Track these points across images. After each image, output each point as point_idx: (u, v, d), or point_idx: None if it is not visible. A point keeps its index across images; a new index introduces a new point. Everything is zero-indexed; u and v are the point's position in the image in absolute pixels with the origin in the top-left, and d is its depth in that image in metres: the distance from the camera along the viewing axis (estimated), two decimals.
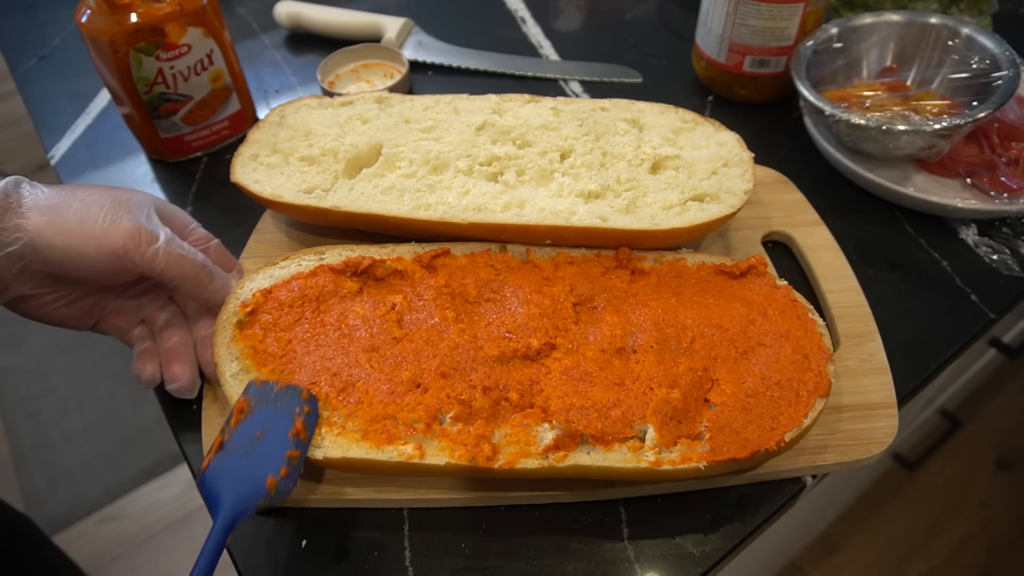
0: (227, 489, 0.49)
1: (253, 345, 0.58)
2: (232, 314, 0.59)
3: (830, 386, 0.56)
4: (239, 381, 0.56)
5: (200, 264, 0.59)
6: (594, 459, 0.53)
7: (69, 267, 0.55)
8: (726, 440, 0.53)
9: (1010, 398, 1.92)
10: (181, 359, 0.61)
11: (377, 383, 0.56)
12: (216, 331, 0.59)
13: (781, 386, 0.56)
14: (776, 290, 0.63)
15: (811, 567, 1.64)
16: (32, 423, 1.87)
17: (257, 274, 0.62)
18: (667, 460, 0.53)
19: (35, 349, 2.03)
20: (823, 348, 0.59)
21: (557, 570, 0.54)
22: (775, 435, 0.54)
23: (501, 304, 0.61)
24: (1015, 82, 0.75)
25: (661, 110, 0.75)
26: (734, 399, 0.56)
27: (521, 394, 0.55)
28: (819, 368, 0.57)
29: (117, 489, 1.76)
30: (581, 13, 1.13)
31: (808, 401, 0.55)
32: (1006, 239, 0.76)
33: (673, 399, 0.55)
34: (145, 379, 0.61)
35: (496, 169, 0.69)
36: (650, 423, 0.54)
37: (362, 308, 0.60)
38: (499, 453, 0.53)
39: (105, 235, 0.54)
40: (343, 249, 0.64)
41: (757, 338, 0.60)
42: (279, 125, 0.74)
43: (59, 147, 0.91)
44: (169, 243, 0.57)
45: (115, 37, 0.72)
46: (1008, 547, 1.69)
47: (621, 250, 0.65)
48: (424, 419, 0.54)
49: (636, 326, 0.60)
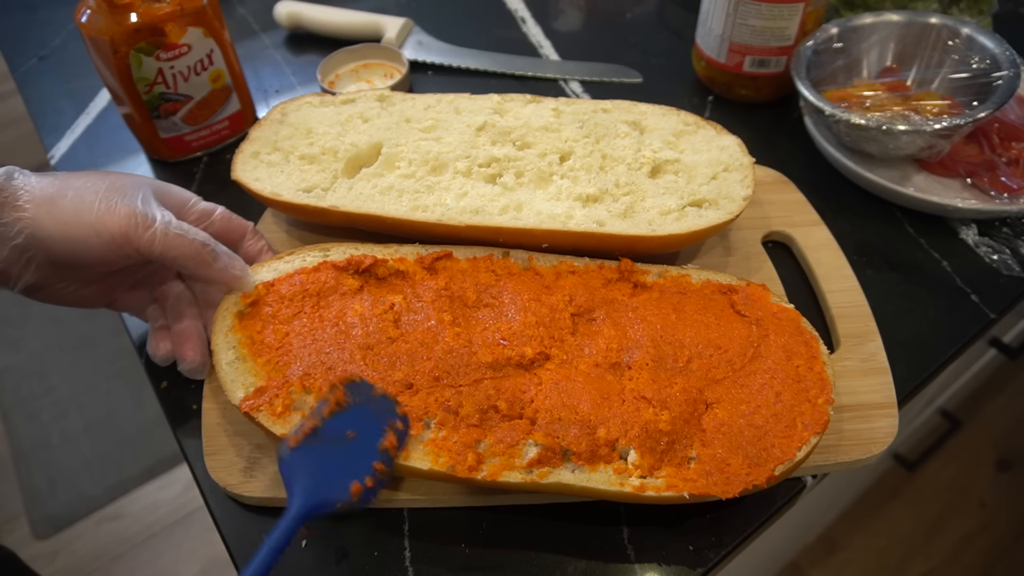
0: (310, 479, 0.48)
1: (251, 335, 0.58)
2: (233, 304, 0.60)
3: (827, 424, 0.55)
4: (234, 369, 0.57)
5: (201, 243, 0.57)
6: (577, 479, 0.52)
7: (72, 256, 0.54)
8: (714, 469, 0.52)
9: (1010, 398, 1.92)
10: (191, 340, 0.61)
11: (370, 381, 0.56)
12: (216, 319, 0.59)
13: (778, 417, 0.55)
14: (783, 312, 0.62)
15: (811, 567, 1.64)
16: (32, 423, 1.87)
17: (261, 267, 0.63)
18: (651, 487, 0.52)
19: (35, 349, 2.03)
20: (824, 379, 0.57)
21: (557, 570, 0.54)
22: (766, 470, 0.52)
23: (499, 310, 0.60)
24: (1015, 82, 0.75)
25: (663, 112, 0.75)
26: (727, 427, 0.54)
27: (510, 404, 0.55)
28: (817, 400, 0.56)
29: (117, 489, 1.76)
30: (581, 13, 1.13)
31: (803, 435, 0.54)
32: (1006, 239, 0.76)
33: (661, 422, 0.53)
34: (160, 357, 0.61)
35: (495, 171, 0.69)
36: (632, 446, 0.53)
37: (361, 306, 0.60)
38: (483, 463, 0.52)
39: (102, 222, 0.53)
40: (347, 247, 0.65)
41: (757, 363, 0.58)
42: (280, 123, 0.74)
43: (59, 147, 0.91)
44: (167, 225, 0.56)
45: (115, 37, 0.72)
46: (1008, 547, 1.69)
47: (624, 261, 0.64)
48: (411, 421, 0.54)
49: (633, 341, 0.59)
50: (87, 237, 0.53)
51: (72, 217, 0.53)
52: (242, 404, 0.55)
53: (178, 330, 0.62)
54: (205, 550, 1.68)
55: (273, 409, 0.54)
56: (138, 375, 0.84)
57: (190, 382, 0.65)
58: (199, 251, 0.57)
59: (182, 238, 0.56)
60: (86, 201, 0.54)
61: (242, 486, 0.57)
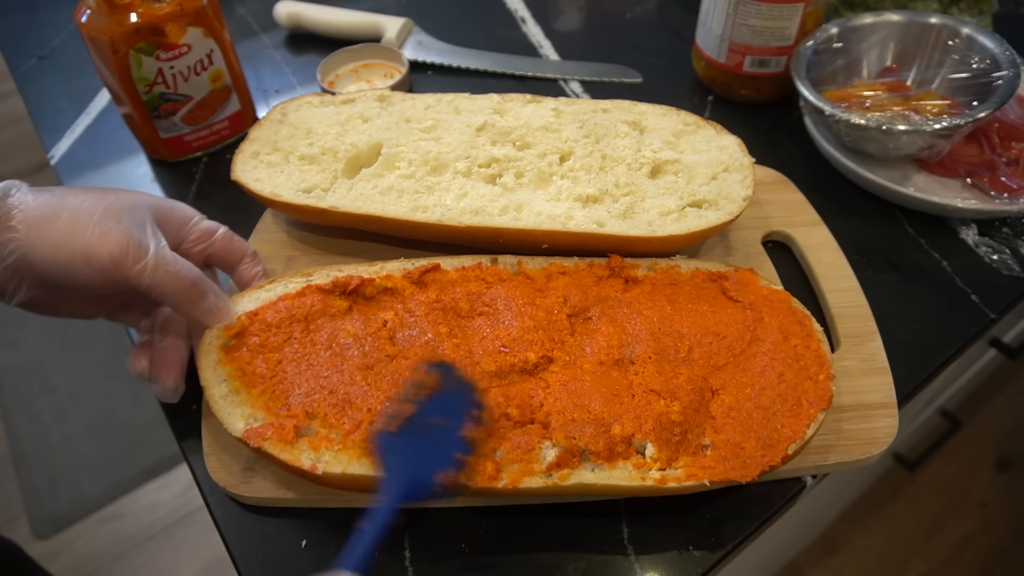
0: (404, 466, 0.49)
1: (240, 367, 0.57)
2: (216, 337, 0.58)
3: (831, 399, 0.56)
4: (229, 402, 0.56)
5: (190, 283, 0.55)
6: (599, 477, 0.52)
7: (62, 280, 0.53)
8: (730, 454, 0.53)
9: (1010, 398, 1.92)
10: (168, 364, 0.60)
11: (376, 401, 0.55)
12: (200, 354, 0.57)
13: (783, 397, 0.56)
14: (773, 294, 0.63)
15: (811, 567, 1.64)
16: (32, 423, 1.87)
17: (242, 297, 0.61)
18: (672, 478, 0.52)
19: (35, 349, 2.03)
20: (822, 356, 0.58)
21: (557, 570, 0.54)
22: (779, 450, 0.53)
23: (494, 318, 0.60)
24: (1015, 82, 0.75)
25: (663, 112, 0.75)
26: (735, 412, 0.55)
27: (521, 410, 0.54)
28: (819, 377, 0.57)
29: (117, 489, 1.76)
30: (581, 13, 1.13)
31: (809, 412, 0.55)
32: (1006, 239, 0.76)
33: (673, 413, 0.54)
34: (136, 372, 0.60)
35: (495, 171, 0.69)
36: (649, 440, 0.53)
37: (353, 326, 0.59)
38: (502, 471, 0.52)
39: (93, 249, 0.52)
40: (331, 269, 0.63)
41: (756, 346, 0.59)
42: (280, 123, 0.74)
43: (59, 147, 0.91)
44: (160, 258, 0.54)
45: (115, 37, 0.72)
46: (1008, 547, 1.69)
47: (613, 258, 0.64)
48: None
49: (632, 336, 0.59)
50: (77, 263, 0.52)
51: (64, 240, 0.52)
52: (246, 436, 0.53)
53: (160, 348, 0.60)
54: (205, 550, 1.68)
55: (284, 437, 0.53)
56: None
57: (190, 382, 0.65)
58: (188, 290, 0.55)
59: (172, 275, 0.54)
60: (80, 224, 0.52)
61: (242, 486, 0.57)
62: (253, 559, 0.55)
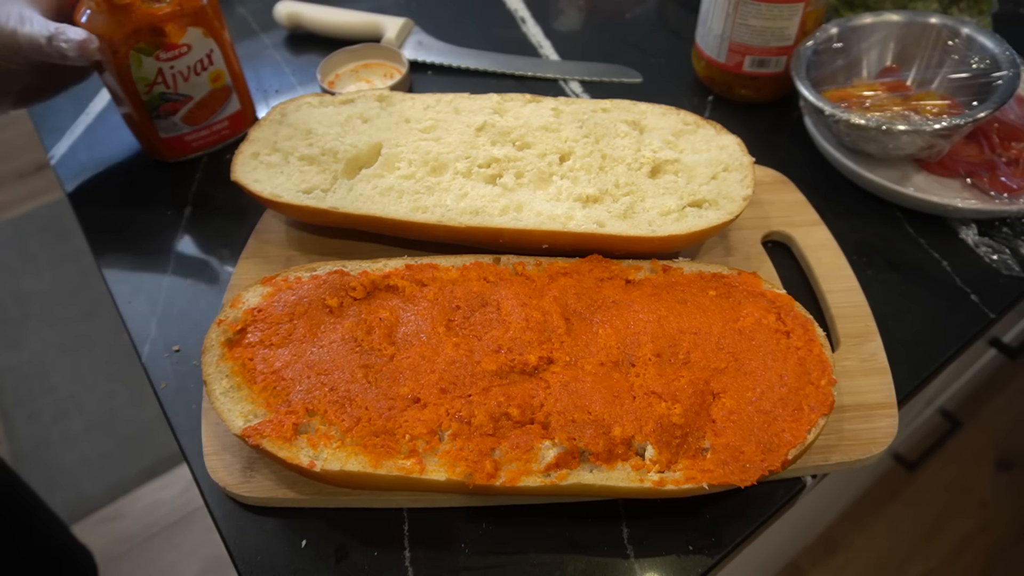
0: None
1: (243, 363, 0.58)
2: (221, 333, 0.59)
3: (833, 404, 0.56)
4: (230, 398, 0.56)
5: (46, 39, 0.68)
6: (597, 478, 0.53)
7: None
8: (730, 458, 0.53)
9: (1010, 398, 1.92)
10: None
11: (376, 398, 0.55)
12: (204, 350, 0.58)
13: (784, 401, 0.56)
14: (776, 297, 0.63)
15: (811, 567, 1.64)
16: (32, 423, 1.87)
17: (246, 292, 0.62)
18: (670, 480, 0.52)
19: (35, 349, 2.03)
20: (824, 361, 0.58)
21: (557, 570, 0.54)
22: (779, 455, 0.53)
23: (493, 318, 0.60)
24: (1015, 82, 0.75)
25: (663, 112, 0.75)
26: (736, 415, 0.55)
27: (522, 410, 0.55)
28: (820, 382, 0.57)
29: (117, 489, 1.76)
30: (581, 13, 1.13)
31: (810, 418, 0.55)
32: (1006, 239, 0.76)
33: (674, 415, 0.54)
34: None
35: (495, 171, 0.69)
36: (649, 442, 0.53)
37: (354, 324, 0.59)
38: (500, 470, 0.52)
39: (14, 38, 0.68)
40: (333, 265, 0.64)
41: (756, 348, 0.59)
42: (280, 123, 0.74)
43: (59, 147, 0.91)
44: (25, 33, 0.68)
45: (115, 37, 0.72)
46: (1008, 547, 1.69)
47: (603, 262, 0.65)
48: (424, 436, 0.54)
49: (632, 338, 0.59)
50: None
51: None
52: (245, 434, 0.54)
53: None
54: (205, 550, 1.68)
55: (282, 434, 0.53)
56: (138, 375, 0.84)
57: (190, 382, 0.65)
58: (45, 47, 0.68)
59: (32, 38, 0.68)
60: None
61: (242, 486, 0.57)
62: (253, 559, 0.55)
